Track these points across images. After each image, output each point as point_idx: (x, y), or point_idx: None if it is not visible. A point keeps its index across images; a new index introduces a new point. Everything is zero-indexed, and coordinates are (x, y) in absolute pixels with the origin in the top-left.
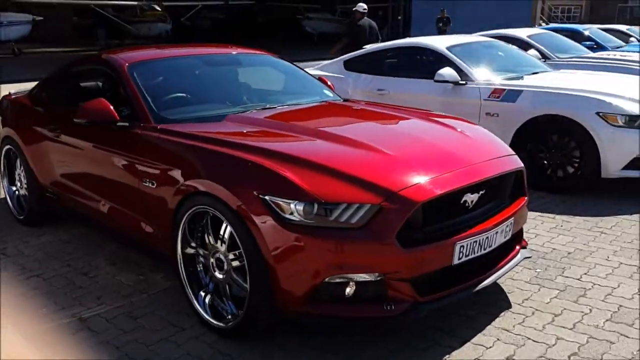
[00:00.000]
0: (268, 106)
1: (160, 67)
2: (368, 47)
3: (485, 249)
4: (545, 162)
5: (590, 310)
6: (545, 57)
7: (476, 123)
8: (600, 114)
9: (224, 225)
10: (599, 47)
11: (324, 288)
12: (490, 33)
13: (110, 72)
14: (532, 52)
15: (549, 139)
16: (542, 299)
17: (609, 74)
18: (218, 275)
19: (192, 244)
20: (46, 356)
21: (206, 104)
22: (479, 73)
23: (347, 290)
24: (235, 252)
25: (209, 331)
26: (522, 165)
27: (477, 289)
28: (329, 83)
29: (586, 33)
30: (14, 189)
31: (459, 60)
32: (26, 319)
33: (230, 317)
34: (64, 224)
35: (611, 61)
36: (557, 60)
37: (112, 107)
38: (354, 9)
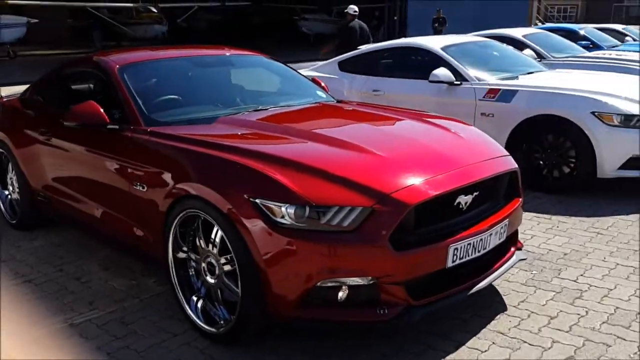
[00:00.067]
0: (260, 108)
1: (152, 69)
2: (363, 47)
3: (479, 251)
4: (541, 162)
5: (587, 313)
6: (540, 56)
7: (470, 124)
8: (596, 113)
9: (215, 229)
10: (595, 46)
11: (316, 292)
12: (486, 33)
13: (101, 74)
14: (528, 51)
15: (544, 139)
16: (538, 301)
17: (604, 73)
18: (210, 279)
19: (184, 248)
20: None
21: (198, 106)
22: (474, 73)
23: (340, 294)
24: (227, 256)
25: (200, 337)
26: (516, 166)
27: (472, 291)
28: (322, 84)
29: (582, 32)
30: (6, 193)
31: (454, 61)
32: (19, 325)
33: (222, 322)
34: (57, 228)
35: (607, 60)
36: (552, 59)
37: (102, 110)
38: (345, 11)
